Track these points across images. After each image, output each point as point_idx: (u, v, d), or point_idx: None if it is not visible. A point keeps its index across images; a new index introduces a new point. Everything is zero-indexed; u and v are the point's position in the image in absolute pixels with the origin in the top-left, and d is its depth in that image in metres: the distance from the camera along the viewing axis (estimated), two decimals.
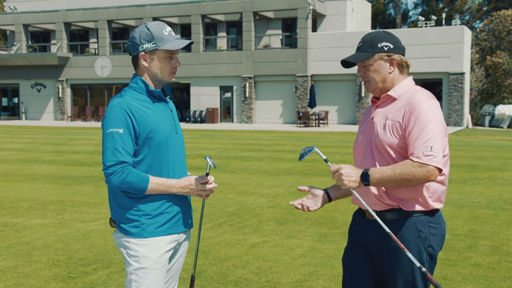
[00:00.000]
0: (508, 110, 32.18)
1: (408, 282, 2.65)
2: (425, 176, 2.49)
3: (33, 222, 7.15)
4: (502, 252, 5.79)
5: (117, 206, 2.73)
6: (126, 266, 2.72)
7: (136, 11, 35.68)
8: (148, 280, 2.65)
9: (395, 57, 2.70)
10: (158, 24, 2.71)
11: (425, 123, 2.53)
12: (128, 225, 2.69)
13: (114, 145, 2.60)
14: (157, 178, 2.66)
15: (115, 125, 2.61)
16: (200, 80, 34.61)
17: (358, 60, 2.70)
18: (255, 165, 13.13)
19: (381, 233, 2.66)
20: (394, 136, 2.61)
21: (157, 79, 2.77)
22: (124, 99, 2.67)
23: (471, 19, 50.78)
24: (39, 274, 5.04)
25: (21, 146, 18.50)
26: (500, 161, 14.17)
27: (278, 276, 5.02)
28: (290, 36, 34.76)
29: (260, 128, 28.90)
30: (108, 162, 2.60)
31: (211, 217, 7.34)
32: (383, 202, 2.68)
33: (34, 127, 31.49)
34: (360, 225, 2.83)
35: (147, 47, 2.69)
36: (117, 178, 2.58)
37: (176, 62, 2.75)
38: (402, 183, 2.54)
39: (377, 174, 2.54)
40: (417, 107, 2.57)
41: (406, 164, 2.52)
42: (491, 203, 8.45)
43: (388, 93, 2.71)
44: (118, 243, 2.76)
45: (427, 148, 2.50)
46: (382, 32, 2.75)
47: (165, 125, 2.74)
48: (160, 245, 2.69)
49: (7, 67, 38.72)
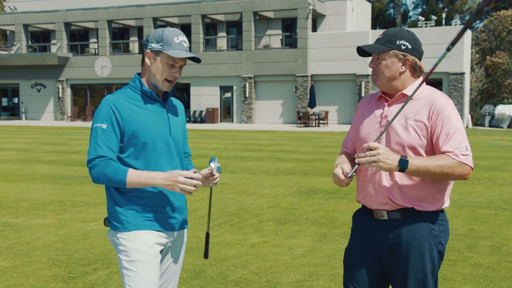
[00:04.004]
0: (508, 110, 32.17)
1: (419, 280, 2.65)
2: (463, 174, 2.54)
3: (33, 222, 7.15)
4: (502, 252, 5.79)
5: (109, 203, 2.77)
6: (119, 261, 2.75)
7: (136, 11, 35.67)
8: (139, 272, 2.65)
9: (410, 58, 2.66)
10: (174, 31, 2.74)
11: (455, 123, 2.57)
12: (116, 220, 2.73)
13: (96, 140, 2.65)
14: (138, 170, 2.66)
15: (100, 120, 2.67)
16: (200, 80, 34.61)
17: (374, 51, 2.67)
18: (255, 165, 13.13)
19: (391, 232, 2.67)
20: (419, 136, 2.60)
21: (153, 82, 2.77)
22: (114, 96, 2.72)
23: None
24: (39, 274, 5.04)
25: (21, 146, 18.50)
26: (500, 161, 14.18)
27: (278, 276, 5.02)
28: (290, 36, 34.76)
29: (260, 128, 28.90)
30: (89, 156, 2.66)
31: (211, 217, 7.34)
32: (395, 202, 2.66)
33: (34, 127, 31.49)
34: (366, 226, 2.79)
35: (154, 47, 2.73)
36: (95, 171, 2.63)
37: (176, 71, 2.75)
38: (436, 176, 2.54)
39: (417, 162, 2.49)
40: (444, 108, 2.59)
41: (446, 158, 2.52)
42: (491, 203, 8.45)
43: (405, 92, 2.69)
44: (111, 241, 2.80)
45: (462, 148, 2.54)
46: (405, 30, 2.70)
47: (154, 126, 2.73)
48: (147, 238, 2.70)
49: (7, 67, 38.73)
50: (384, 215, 2.69)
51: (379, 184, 2.69)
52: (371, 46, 2.70)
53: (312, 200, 8.69)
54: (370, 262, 2.76)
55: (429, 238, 2.65)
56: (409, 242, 2.63)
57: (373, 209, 2.75)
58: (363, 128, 2.80)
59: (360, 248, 2.80)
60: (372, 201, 2.74)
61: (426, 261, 2.64)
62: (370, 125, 2.77)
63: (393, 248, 2.68)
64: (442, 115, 2.58)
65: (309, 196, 9.06)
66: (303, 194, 9.24)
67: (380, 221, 2.71)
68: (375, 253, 2.75)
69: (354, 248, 2.83)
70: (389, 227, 2.67)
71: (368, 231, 2.78)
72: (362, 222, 2.82)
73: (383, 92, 2.79)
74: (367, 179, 2.76)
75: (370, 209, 2.78)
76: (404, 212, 2.66)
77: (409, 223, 2.66)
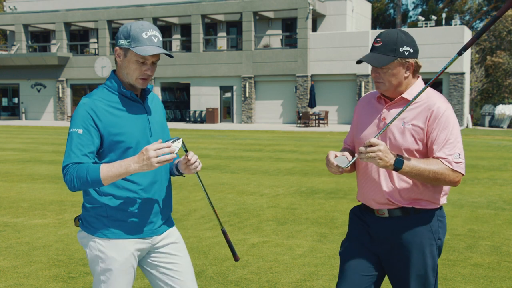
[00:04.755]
0: (508, 110, 32.17)
1: (421, 276, 2.68)
2: (454, 180, 2.59)
3: (33, 222, 7.15)
4: (502, 252, 5.79)
5: (86, 204, 2.66)
6: (92, 267, 2.66)
7: (136, 11, 35.67)
8: (114, 281, 2.60)
9: (412, 61, 2.66)
10: (142, 25, 2.57)
11: (450, 129, 2.60)
12: (93, 224, 2.62)
13: (70, 147, 2.51)
14: (109, 163, 2.49)
15: (75, 125, 2.52)
16: (200, 80, 34.61)
17: (381, 65, 2.60)
18: (255, 165, 13.13)
19: (392, 229, 2.70)
20: (415, 140, 2.62)
21: (127, 80, 2.63)
22: (91, 99, 2.57)
23: (471, 19, 50.76)
24: (39, 274, 5.04)
25: (21, 146, 18.50)
26: (500, 161, 14.17)
27: (278, 276, 5.02)
28: (290, 36, 34.76)
29: (260, 128, 28.90)
30: (63, 164, 2.51)
31: (211, 217, 7.34)
32: (392, 202, 2.69)
33: (34, 127, 31.49)
34: (366, 222, 2.80)
35: (122, 44, 2.58)
36: (68, 176, 2.47)
37: (148, 69, 2.58)
38: (428, 180, 2.58)
39: (411, 164, 2.53)
40: (441, 113, 2.60)
41: (439, 164, 2.56)
42: (491, 203, 8.45)
43: (404, 96, 2.68)
44: (83, 243, 2.69)
45: (455, 155, 2.58)
46: (402, 33, 2.66)
47: (135, 129, 2.60)
48: (126, 247, 2.62)
49: (7, 67, 38.72)
50: (385, 212, 2.73)
51: (378, 186, 2.72)
52: (375, 59, 2.63)
53: (312, 200, 8.69)
54: (367, 256, 2.79)
55: (429, 234, 2.68)
56: (410, 239, 2.67)
57: (373, 208, 2.77)
58: (362, 128, 2.81)
59: (358, 241, 2.82)
60: (372, 201, 2.76)
61: (427, 257, 2.68)
62: (369, 126, 2.78)
63: (394, 245, 2.71)
64: (440, 120, 2.59)
65: (309, 196, 9.05)
66: (303, 194, 9.24)
67: (381, 218, 2.74)
68: (372, 248, 2.78)
69: (353, 241, 2.85)
70: (390, 224, 2.71)
71: (368, 227, 2.80)
72: (362, 218, 2.84)
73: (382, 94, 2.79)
74: (367, 180, 2.78)
75: (369, 208, 2.80)
76: (405, 211, 2.69)
77: (410, 220, 2.69)
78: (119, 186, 2.60)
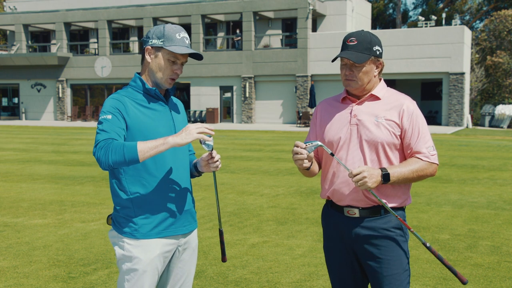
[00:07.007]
0: (508, 110, 32.17)
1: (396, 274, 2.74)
2: (433, 173, 2.76)
3: (33, 222, 7.15)
4: (502, 252, 5.79)
5: (116, 206, 2.72)
6: (119, 265, 2.73)
7: (136, 11, 35.68)
8: (139, 282, 2.64)
9: (381, 61, 2.83)
10: (175, 27, 2.69)
11: (422, 124, 2.77)
12: (122, 224, 2.68)
13: (101, 128, 2.56)
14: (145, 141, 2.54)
15: (104, 113, 2.60)
16: (200, 80, 34.61)
17: (361, 61, 2.72)
18: (255, 165, 13.13)
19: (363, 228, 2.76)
20: (390, 133, 2.73)
21: (154, 80, 2.71)
22: (119, 95, 2.66)
23: (471, 19, 50.76)
24: (39, 274, 5.04)
25: (21, 146, 18.50)
26: (500, 161, 14.17)
27: (278, 276, 5.03)
28: (290, 36, 34.76)
29: (260, 128, 28.91)
30: (95, 143, 2.54)
31: (211, 217, 7.34)
32: (369, 199, 2.75)
33: (34, 127, 31.50)
34: (338, 225, 2.85)
35: (154, 43, 2.67)
36: (102, 151, 2.48)
37: (178, 68, 2.69)
38: (413, 180, 2.73)
39: (396, 173, 2.66)
40: (413, 111, 2.76)
41: (418, 162, 2.72)
42: (491, 203, 8.45)
43: (373, 93, 2.82)
44: (113, 242, 2.77)
45: (429, 148, 2.74)
46: (373, 34, 2.83)
47: (160, 125, 2.68)
48: (154, 247, 2.67)
49: (7, 67, 38.72)
50: (356, 213, 2.78)
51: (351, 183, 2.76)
52: (356, 56, 2.74)
53: (312, 200, 8.69)
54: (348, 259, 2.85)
55: (400, 231, 2.78)
56: (382, 236, 2.74)
57: (343, 206, 2.81)
58: (331, 128, 2.85)
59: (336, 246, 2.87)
60: (344, 198, 2.80)
61: (401, 254, 2.76)
62: (339, 124, 2.83)
63: (367, 243, 2.76)
64: (412, 117, 2.74)
65: (309, 196, 9.06)
66: (303, 194, 9.24)
67: (351, 218, 2.79)
68: (350, 249, 2.83)
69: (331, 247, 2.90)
70: (361, 224, 2.77)
71: (340, 230, 2.84)
72: (333, 222, 2.88)
73: (348, 93, 2.87)
74: (339, 176, 2.81)
75: (339, 206, 2.83)
76: (375, 211, 2.76)
77: (380, 219, 2.77)
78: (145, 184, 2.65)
